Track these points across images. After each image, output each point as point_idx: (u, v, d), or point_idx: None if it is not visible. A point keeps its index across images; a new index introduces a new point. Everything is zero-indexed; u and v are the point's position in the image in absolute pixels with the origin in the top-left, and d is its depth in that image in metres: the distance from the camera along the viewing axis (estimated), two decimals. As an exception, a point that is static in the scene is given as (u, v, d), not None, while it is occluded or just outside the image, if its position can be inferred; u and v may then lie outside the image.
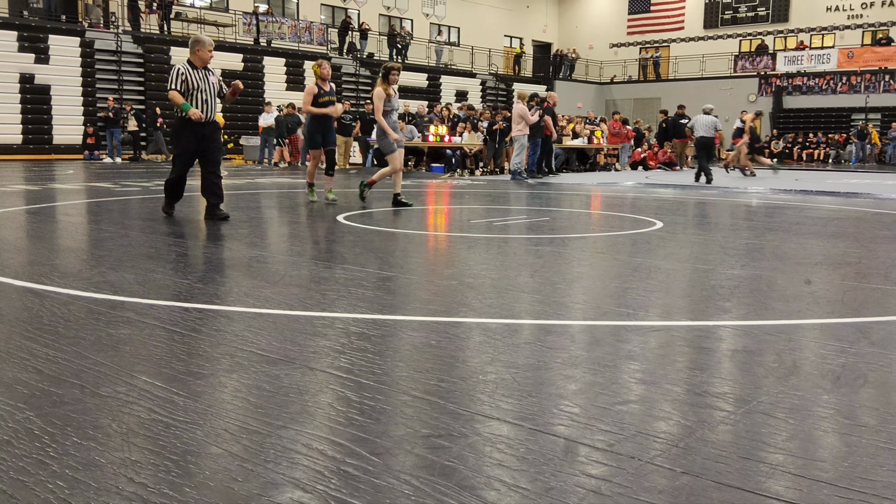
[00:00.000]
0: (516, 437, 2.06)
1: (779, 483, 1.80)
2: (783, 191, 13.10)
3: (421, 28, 33.80)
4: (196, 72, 7.20)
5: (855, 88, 30.67)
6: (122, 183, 12.31)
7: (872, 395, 2.43)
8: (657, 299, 4.01)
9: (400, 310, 3.63)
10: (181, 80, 7.10)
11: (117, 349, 2.82)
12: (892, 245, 6.14)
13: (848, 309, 3.74)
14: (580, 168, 20.44)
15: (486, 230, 6.92)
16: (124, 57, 22.88)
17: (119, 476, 1.78)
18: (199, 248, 5.75)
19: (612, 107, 33.41)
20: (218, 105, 7.46)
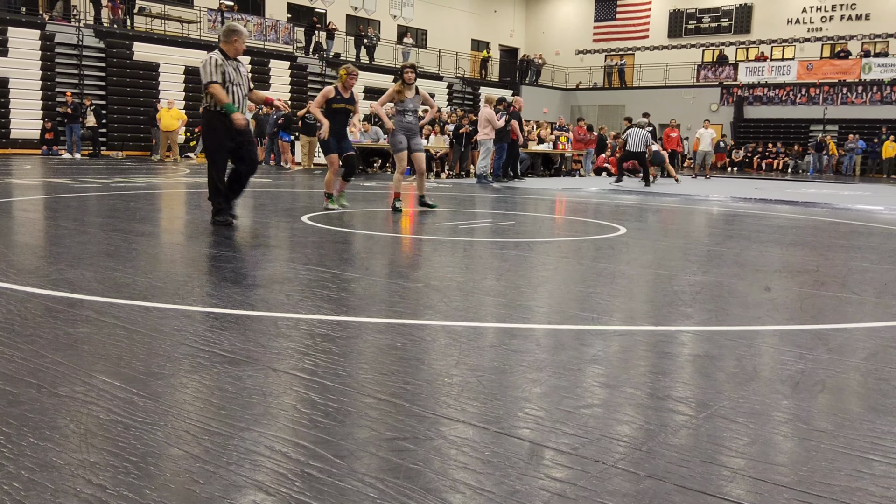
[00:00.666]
0: (481, 440, 2.06)
1: (740, 487, 1.82)
2: (743, 199, 13.31)
3: (388, 30, 33.77)
4: (230, 63, 6.68)
5: (814, 100, 31.32)
6: (81, 179, 12.09)
7: (830, 401, 2.47)
8: (621, 304, 4.04)
9: (365, 311, 3.62)
10: (220, 71, 6.53)
11: (75, 348, 2.77)
12: (848, 254, 6.27)
13: (806, 316, 3.81)
14: (545, 173, 20.57)
15: (452, 233, 6.92)
16: (85, 51, 22.48)
17: (77, 477, 1.74)
18: (160, 247, 5.67)
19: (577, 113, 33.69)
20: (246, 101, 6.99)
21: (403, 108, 8.48)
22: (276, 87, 25.63)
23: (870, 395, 2.55)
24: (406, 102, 8.43)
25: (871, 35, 32.30)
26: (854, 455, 2.02)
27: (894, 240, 7.71)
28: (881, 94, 30.03)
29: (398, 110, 8.54)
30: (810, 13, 33.65)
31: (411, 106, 8.47)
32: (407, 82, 8.43)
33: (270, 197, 10.72)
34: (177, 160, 20.66)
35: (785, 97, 32.10)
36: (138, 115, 22.80)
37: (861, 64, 30.54)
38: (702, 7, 36.27)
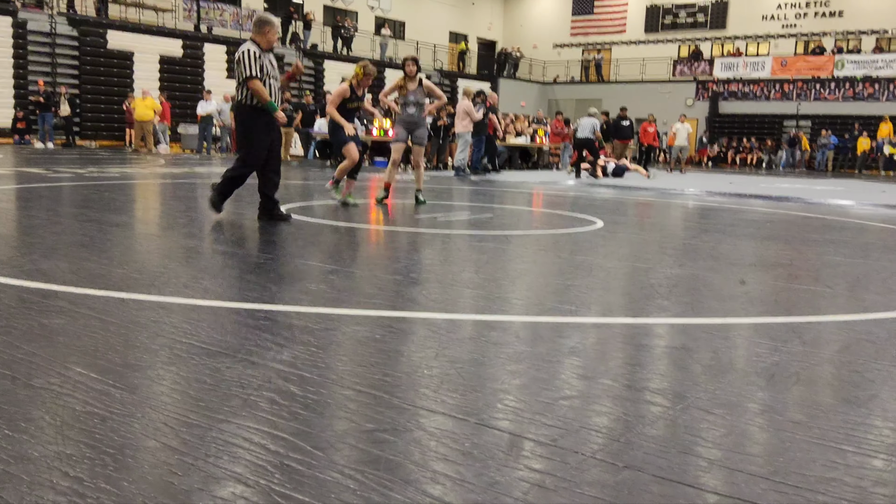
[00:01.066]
0: (461, 431, 2.06)
1: (716, 477, 1.84)
2: (718, 193, 13.43)
3: (366, 21, 33.59)
4: (266, 55, 6.38)
5: (787, 96, 31.63)
6: (54, 169, 11.93)
7: (804, 393, 2.50)
8: (598, 297, 4.07)
9: (344, 304, 3.60)
10: (259, 64, 6.24)
11: (50, 339, 2.73)
12: (821, 248, 6.35)
13: (781, 309, 3.85)
14: (523, 166, 20.61)
15: (430, 226, 6.91)
16: (58, 39, 22.14)
17: (53, 470, 1.72)
18: (135, 238, 5.61)
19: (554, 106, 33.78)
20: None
21: (405, 100, 8.45)
22: (253, 78, 25.37)
23: (843, 387, 2.58)
24: (408, 95, 8.40)
25: (845, 32, 32.66)
26: (828, 446, 2.05)
27: (866, 234, 7.82)
28: (853, 90, 30.40)
29: (400, 103, 8.51)
30: (785, 9, 33.94)
31: (413, 98, 8.42)
32: (408, 75, 8.41)
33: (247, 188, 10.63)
34: (151, 150, 20.44)
35: (759, 93, 32.39)
36: (112, 105, 22.51)
37: (834, 60, 30.88)
38: (678, 2, 36.45)
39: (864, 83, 30.19)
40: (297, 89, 25.59)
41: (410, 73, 8.38)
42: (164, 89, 23.22)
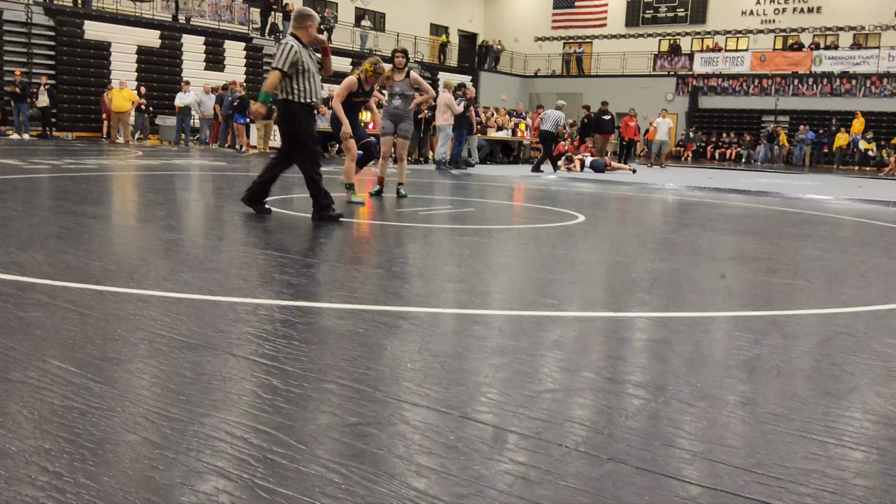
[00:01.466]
0: (445, 425, 2.05)
1: (699, 469, 1.85)
2: (698, 188, 13.51)
3: (346, 12, 33.42)
4: (305, 50, 6.24)
5: (766, 91, 31.86)
6: (29, 160, 11.77)
7: (785, 386, 2.52)
8: (580, 291, 4.07)
9: (326, 297, 3.59)
10: (291, 60, 6.08)
11: (27, 333, 2.69)
12: (799, 242, 6.41)
13: (760, 302, 3.88)
14: (504, 160, 20.61)
15: (412, 219, 6.90)
16: (35, 30, 21.83)
17: (32, 465, 1.69)
18: (113, 230, 5.55)
19: (535, 100, 33.78)
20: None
21: (391, 91, 8.43)
22: (231, 69, 25.21)
23: (823, 380, 2.60)
24: (394, 87, 8.38)
25: (822, 28, 32.93)
26: (809, 438, 2.06)
27: (843, 228, 7.90)
28: (831, 86, 30.67)
29: (386, 94, 8.49)
30: (764, 5, 34.16)
31: (398, 90, 8.39)
32: (397, 67, 8.37)
33: (226, 180, 10.57)
34: (128, 142, 20.23)
35: (738, 88, 32.60)
36: (89, 96, 22.24)
37: (812, 56, 31.14)
38: (659, -3, 36.58)
39: (841, 79, 30.47)
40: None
41: (400, 64, 8.36)
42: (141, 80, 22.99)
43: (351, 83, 7.73)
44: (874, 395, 2.46)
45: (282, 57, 6.05)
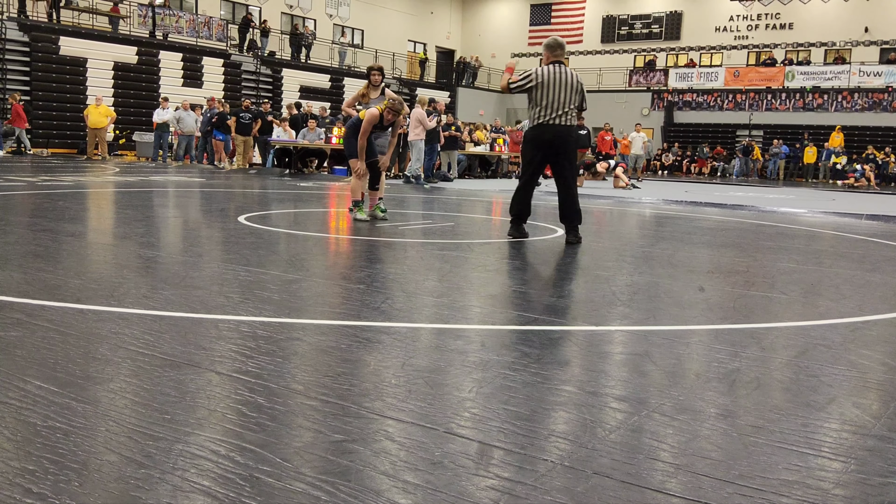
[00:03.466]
0: (429, 440, 2.06)
1: (682, 482, 1.87)
2: (674, 201, 13.64)
3: (324, 28, 33.51)
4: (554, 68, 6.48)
5: (740, 106, 32.30)
6: (4, 177, 11.66)
7: (764, 397, 2.56)
8: (561, 304, 4.10)
9: (307, 313, 3.58)
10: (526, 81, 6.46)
11: (7, 352, 2.67)
12: (775, 255, 6.49)
13: (739, 315, 3.93)
14: (482, 175, 20.69)
15: (392, 234, 6.91)
16: (8, 45, 21.67)
17: (15, 486, 1.68)
18: (92, 247, 5.51)
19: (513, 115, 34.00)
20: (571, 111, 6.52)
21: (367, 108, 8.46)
22: (210, 86, 25.16)
23: (801, 392, 2.64)
24: (371, 103, 8.41)
25: (795, 44, 33.49)
26: (790, 449, 2.09)
27: (818, 241, 8.02)
28: (803, 100, 31.17)
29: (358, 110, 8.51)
30: (737, 21, 34.69)
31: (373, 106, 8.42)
32: (373, 84, 8.42)
33: (205, 197, 10.53)
34: (105, 158, 20.10)
35: (713, 103, 33.03)
36: (64, 112, 22.09)
37: (785, 72, 31.63)
38: (633, 13, 37.02)
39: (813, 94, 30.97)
40: (256, 98, 25.40)
41: (376, 82, 8.43)
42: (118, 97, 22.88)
43: (374, 117, 7.61)
44: (852, 406, 2.50)
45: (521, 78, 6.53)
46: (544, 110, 6.45)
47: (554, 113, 6.43)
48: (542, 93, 6.42)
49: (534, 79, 6.45)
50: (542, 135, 6.50)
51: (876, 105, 29.75)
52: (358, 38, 35.18)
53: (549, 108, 6.43)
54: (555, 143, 6.50)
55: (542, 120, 6.47)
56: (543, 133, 6.48)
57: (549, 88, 6.41)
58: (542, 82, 6.42)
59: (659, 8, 36.47)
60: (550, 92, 6.41)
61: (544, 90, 6.41)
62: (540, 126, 6.49)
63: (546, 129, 6.46)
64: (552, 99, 6.41)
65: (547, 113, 6.43)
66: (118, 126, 22.24)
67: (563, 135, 6.49)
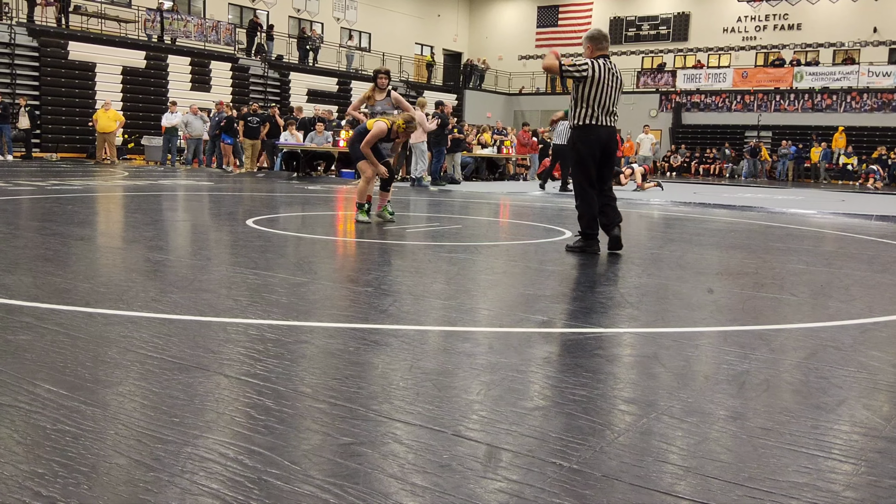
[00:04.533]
0: (438, 443, 2.06)
1: (691, 485, 1.86)
2: (683, 203, 13.60)
3: (331, 32, 33.57)
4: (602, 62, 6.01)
5: (748, 107, 32.18)
6: (13, 182, 11.72)
7: (774, 399, 2.54)
8: (569, 307, 4.09)
9: (315, 316, 3.59)
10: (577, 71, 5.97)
11: (17, 356, 2.68)
12: (785, 256, 6.46)
13: (748, 317, 3.91)
14: (489, 177, 20.69)
15: (400, 237, 6.91)
16: (18, 50, 21.79)
17: (25, 489, 1.68)
18: (101, 251, 5.53)
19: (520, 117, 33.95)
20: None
21: (373, 111, 8.51)
22: (218, 89, 25.24)
23: (811, 393, 2.63)
24: (376, 106, 8.46)
25: (803, 44, 33.37)
26: (800, 451, 2.08)
27: (827, 242, 7.98)
28: (812, 101, 31.04)
29: (368, 114, 8.55)
30: (745, 22, 34.59)
31: (380, 109, 8.47)
32: (380, 87, 8.46)
33: (213, 200, 10.56)
34: (114, 162, 20.18)
35: (721, 104, 32.93)
36: (73, 117, 22.20)
37: (793, 72, 31.52)
38: (641, 15, 36.96)
39: (822, 94, 30.84)
40: (264, 101, 25.47)
41: (383, 85, 8.46)
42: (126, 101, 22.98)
43: (381, 131, 7.61)
44: (862, 408, 2.49)
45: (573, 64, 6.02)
46: (595, 109, 6.00)
47: (605, 112, 6.02)
48: (593, 90, 5.97)
49: (588, 70, 5.96)
50: (597, 135, 6.02)
51: (885, 105, 29.60)
52: (365, 41, 35.24)
53: (601, 106, 5.98)
54: (607, 144, 6.08)
55: (592, 120, 6.02)
56: (599, 133, 6.02)
57: (600, 85, 5.97)
58: (595, 77, 5.97)
59: (666, 9, 36.41)
60: (602, 89, 5.97)
61: (596, 87, 5.97)
62: (591, 127, 6.02)
63: (600, 130, 6.02)
64: (604, 97, 5.98)
65: (599, 112, 5.99)
66: (127, 130, 22.34)
67: (613, 136, 6.14)
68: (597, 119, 6.01)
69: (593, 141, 6.02)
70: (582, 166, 6.12)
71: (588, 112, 6.02)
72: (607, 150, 6.09)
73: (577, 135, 6.11)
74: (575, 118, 6.10)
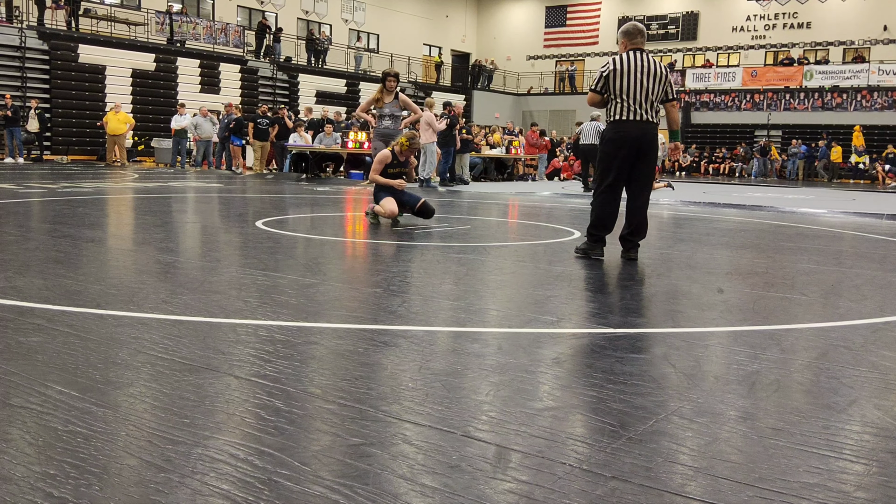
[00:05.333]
0: (447, 444, 2.06)
1: (702, 486, 1.86)
2: (692, 202, 13.56)
3: (340, 33, 33.63)
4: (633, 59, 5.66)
5: (758, 106, 32.08)
6: (24, 184, 11.79)
7: (784, 399, 2.53)
8: (578, 307, 4.09)
9: (325, 317, 3.59)
10: (601, 78, 5.70)
11: (28, 357, 2.69)
12: (795, 256, 6.44)
13: (759, 317, 3.90)
14: (498, 178, 20.69)
15: (408, 238, 6.92)
16: (28, 53, 21.92)
17: (37, 491, 1.69)
18: (111, 253, 5.55)
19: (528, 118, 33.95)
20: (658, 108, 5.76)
21: (381, 113, 8.55)
22: (227, 91, 25.33)
23: (822, 394, 2.62)
24: (384, 108, 8.50)
25: (813, 43, 33.24)
26: (811, 452, 2.07)
27: (838, 242, 7.94)
28: (822, 100, 30.91)
29: (376, 115, 8.59)
30: (754, 21, 34.49)
31: (388, 111, 8.51)
32: (388, 89, 8.49)
33: (223, 202, 10.59)
34: (124, 164, 20.27)
35: (731, 103, 32.83)
36: (84, 119, 22.31)
37: (803, 71, 31.39)
38: (650, 14, 36.89)
39: (832, 93, 30.71)
40: (272, 103, 25.53)
41: (391, 87, 8.49)
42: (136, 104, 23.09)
43: (385, 157, 7.62)
44: (873, 408, 2.47)
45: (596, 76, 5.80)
46: (625, 103, 5.64)
47: (637, 106, 5.62)
48: (621, 82, 5.62)
49: (610, 65, 5.67)
50: (627, 131, 5.65)
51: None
52: (373, 42, 35.29)
53: (631, 99, 5.62)
54: (641, 141, 5.67)
55: (623, 116, 5.66)
56: (629, 129, 5.65)
57: (629, 77, 5.61)
58: (619, 70, 5.63)
59: (675, 8, 36.33)
60: (632, 81, 5.61)
61: (623, 79, 5.61)
62: (621, 122, 5.66)
63: (631, 126, 5.64)
64: (635, 90, 5.61)
65: (629, 106, 5.63)
66: (137, 132, 22.43)
67: (649, 132, 5.70)
68: (628, 113, 5.63)
69: (621, 137, 5.67)
70: (604, 164, 5.80)
71: (617, 106, 5.68)
72: (640, 148, 5.68)
73: (605, 130, 5.87)
74: (607, 114, 5.82)
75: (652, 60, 5.71)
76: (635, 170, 5.76)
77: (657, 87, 5.67)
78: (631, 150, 5.67)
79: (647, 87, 5.63)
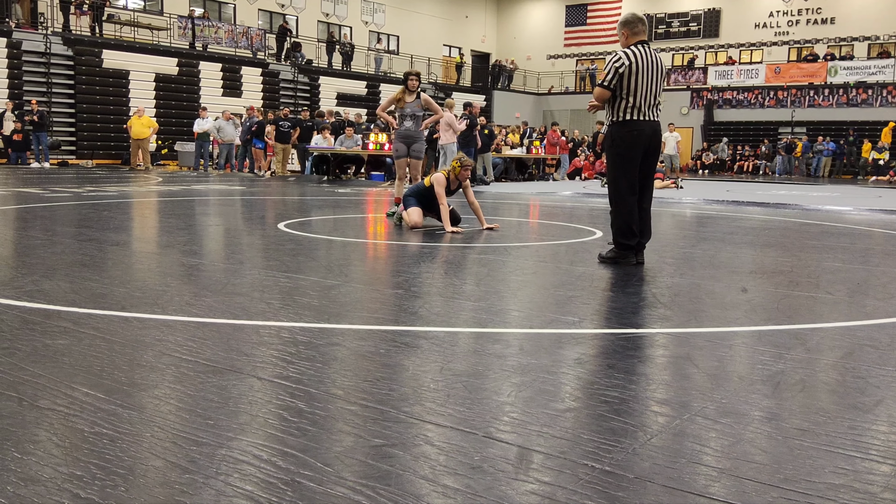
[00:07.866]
0: (469, 445, 2.06)
1: (726, 487, 1.84)
2: (715, 201, 13.46)
3: (360, 36, 33.72)
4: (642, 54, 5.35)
5: (782, 103, 31.74)
6: (50, 188, 11.93)
7: (810, 400, 2.51)
8: (600, 307, 4.07)
9: (346, 318, 3.61)
10: (616, 74, 5.33)
11: (55, 360, 2.73)
12: (820, 254, 6.37)
13: (783, 316, 3.86)
14: (518, 178, 20.65)
15: (429, 238, 6.92)
16: (53, 59, 22.19)
17: (64, 492, 1.72)
18: (136, 256, 5.61)
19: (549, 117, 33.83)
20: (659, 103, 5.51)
21: (402, 113, 8.56)
22: (249, 94, 25.49)
23: (848, 393, 2.59)
24: (405, 108, 8.51)
25: (837, 39, 32.85)
26: (836, 452, 2.05)
27: (863, 240, 7.84)
28: (847, 96, 30.53)
29: (398, 115, 8.61)
30: (777, 17, 34.14)
31: (409, 111, 8.51)
32: (410, 89, 8.52)
33: (246, 204, 10.67)
34: (148, 168, 20.47)
35: (754, 100, 32.52)
36: (108, 124, 22.56)
37: (827, 67, 31.03)
38: (671, 11, 36.65)
39: (857, 89, 30.33)
40: (294, 106, 25.65)
41: (413, 87, 8.49)
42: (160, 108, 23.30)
43: (442, 181, 7.76)
44: (901, 408, 2.44)
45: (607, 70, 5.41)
46: (637, 101, 5.34)
47: (647, 105, 5.37)
48: (633, 80, 5.30)
49: (624, 60, 5.32)
50: (641, 130, 5.38)
51: (922, 99, 29.04)
52: (393, 44, 35.35)
53: (643, 98, 5.34)
54: (652, 140, 5.44)
55: (634, 115, 5.37)
56: (642, 129, 5.38)
57: (641, 75, 5.32)
58: (635, 65, 5.32)
59: (697, 5, 36.05)
60: (643, 79, 5.32)
61: (636, 77, 5.31)
62: (632, 122, 5.37)
63: (645, 126, 5.38)
64: (646, 88, 5.34)
65: (641, 105, 5.35)
66: (160, 136, 22.63)
67: (658, 132, 5.50)
68: (639, 113, 5.35)
69: (635, 139, 5.37)
70: (622, 169, 5.43)
71: (628, 105, 5.36)
72: (650, 148, 5.46)
73: (616, 132, 5.44)
74: (613, 113, 5.44)
75: (657, 56, 5.47)
76: (641, 171, 5.52)
77: (662, 85, 5.51)
78: (643, 150, 5.45)
79: (655, 86, 5.42)
